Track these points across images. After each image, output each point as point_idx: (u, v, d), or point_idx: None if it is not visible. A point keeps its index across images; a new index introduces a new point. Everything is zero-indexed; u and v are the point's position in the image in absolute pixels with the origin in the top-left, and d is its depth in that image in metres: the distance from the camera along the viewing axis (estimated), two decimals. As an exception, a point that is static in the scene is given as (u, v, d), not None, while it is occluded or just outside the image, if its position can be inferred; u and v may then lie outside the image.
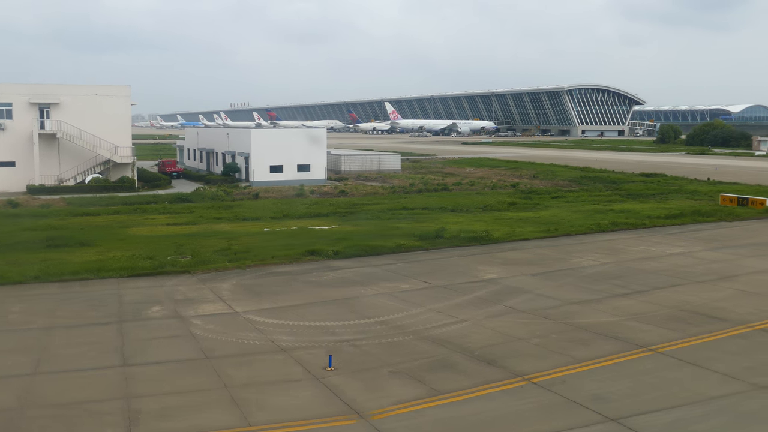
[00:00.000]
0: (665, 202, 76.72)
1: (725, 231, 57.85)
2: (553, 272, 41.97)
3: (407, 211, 68.73)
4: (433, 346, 28.36)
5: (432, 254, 47.49)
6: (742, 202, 72.46)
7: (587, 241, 52.88)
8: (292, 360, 26.62)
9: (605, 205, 73.74)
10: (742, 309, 33.66)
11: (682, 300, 35.45)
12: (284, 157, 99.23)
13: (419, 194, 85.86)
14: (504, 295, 36.49)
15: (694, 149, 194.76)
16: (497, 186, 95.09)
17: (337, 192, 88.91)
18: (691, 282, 39.45)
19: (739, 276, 40.87)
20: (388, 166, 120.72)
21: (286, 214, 66.97)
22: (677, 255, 47.32)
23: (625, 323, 31.44)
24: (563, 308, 34.02)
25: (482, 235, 53.03)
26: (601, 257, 46.45)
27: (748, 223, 62.24)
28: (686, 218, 63.59)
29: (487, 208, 71.55)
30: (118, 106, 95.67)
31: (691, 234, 56.11)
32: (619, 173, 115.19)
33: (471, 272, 41.85)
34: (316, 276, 41.06)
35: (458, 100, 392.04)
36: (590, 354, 27.28)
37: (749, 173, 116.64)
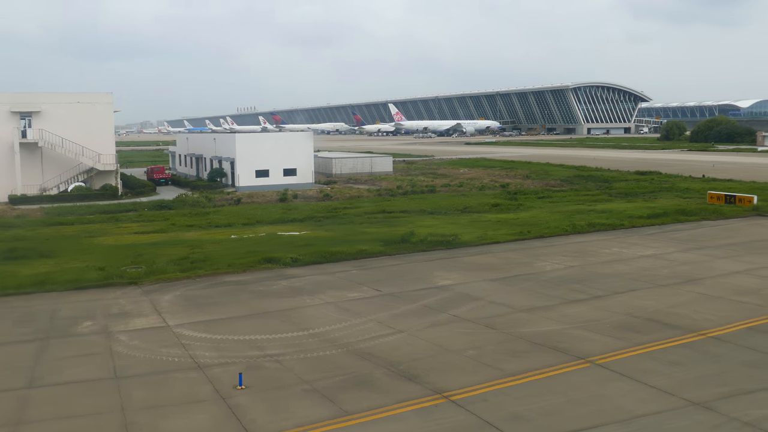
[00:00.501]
0: (652, 201, 74.83)
1: (705, 231, 55.98)
2: (513, 277, 40.31)
3: (385, 215, 67.22)
4: (359, 360, 26.80)
5: (393, 260, 45.93)
6: (730, 200, 70.50)
7: (559, 243, 51.16)
8: (204, 378, 25.13)
9: (589, 205, 71.95)
10: (699, 315, 31.91)
11: (639, 306, 33.74)
12: (270, 161, 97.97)
13: (404, 197, 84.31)
14: (453, 302, 34.89)
15: (697, 146, 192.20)
16: (486, 187, 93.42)
17: (321, 196, 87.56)
18: (654, 286, 37.70)
19: (705, 279, 39.09)
20: (380, 168, 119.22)
21: (259, 220, 65.58)
22: (648, 257, 45.55)
23: (570, 332, 29.77)
24: (511, 316, 32.38)
25: (450, 239, 51.36)
26: (567, 260, 44.74)
27: (732, 222, 60.33)
28: (668, 218, 61.76)
29: (467, 210, 69.90)
30: (101, 113, 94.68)
31: (670, 234, 54.27)
32: (614, 171, 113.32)
33: (427, 278, 40.25)
34: (265, 285, 39.60)
35: (463, 101, 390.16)
36: (523, 367, 25.64)
37: (747, 170, 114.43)
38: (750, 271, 40.65)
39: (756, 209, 66.70)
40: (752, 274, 39.96)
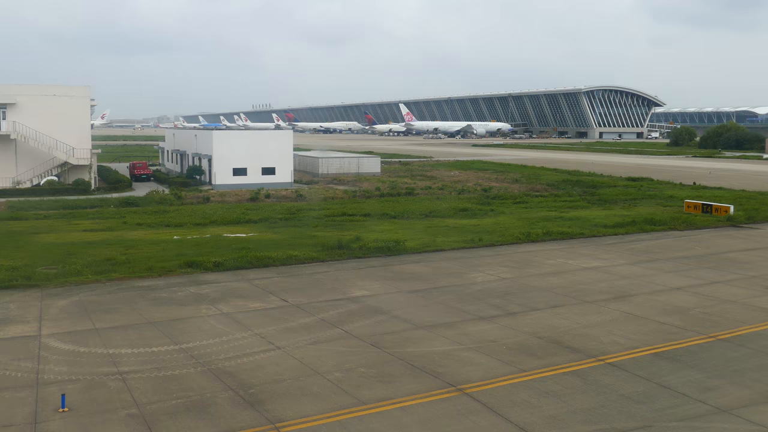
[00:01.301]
0: (628, 209, 72.01)
1: (667, 242, 53.19)
2: (435, 289, 37.86)
3: (345, 218, 65.00)
4: (212, 381, 24.48)
5: (322, 267, 43.60)
6: (707, 210, 67.51)
7: (506, 252, 48.61)
8: (32, 398, 22.92)
9: (562, 212, 69.27)
10: (609, 337, 29.29)
11: (550, 325, 31.18)
12: (248, 159, 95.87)
13: (378, 199, 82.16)
14: (354, 316, 32.49)
15: (704, 152, 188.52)
16: (467, 190, 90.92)
17: (295, 196, 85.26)
18: (580, 302, 35.10)
19: (638, 295, 36.44)
20: (368, 169, 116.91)
21: (215, 220, 63.49)
22: (590, 269, 42.92)
23: (459, 354, 27.29)
24: (406, 333, 29.94)
25: (391, 246, 48.94)
26: (504, 271, 42.23)
27: (699, 233, 57.46)
28: (634, 227, 59.06)
29: (432, 214, 67.46)
30: (77, 107, 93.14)
31: (627, 245, 51.55)
32: (606, 177, 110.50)
33: (344, 289, 37.91)
34: (171, 292, 37.40)
35: (476, 102, 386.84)
36: (383, 394, 23.21)
37: (744, 177, 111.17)
38: (691, 288, 37.95)
39: (731, 219, 63.68)
40: (691, 292, 37.23)
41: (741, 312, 33.24)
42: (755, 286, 38.50)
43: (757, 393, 23.36)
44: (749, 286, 38.44)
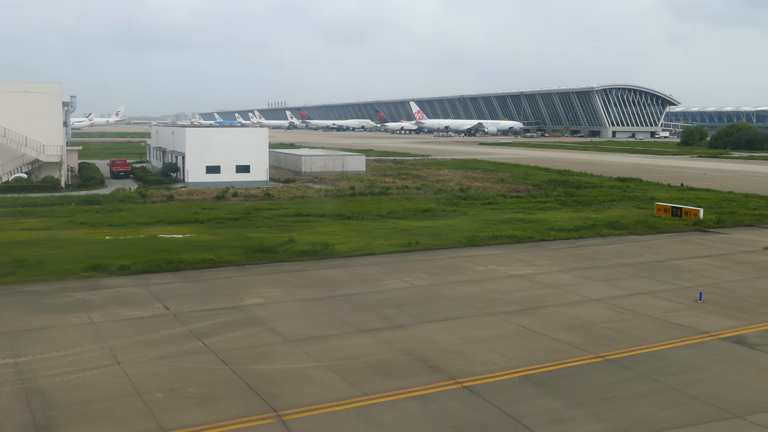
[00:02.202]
0: (600, 211, 69.17)
1: (618, 247, 50.38)
2: (336, 297, 35.46)
3: (297, 218, 62.72)
4: (17, 401, 22.43)
5: (232, 272, 41.44)
6: (676, 213, 64.45)
7: (438, 257, 46.08)
8: None
9: (527, 214, 66.58)
10: (489, 355, 26.74)
11: (431, 340, 28.68)
12: (222, 157, 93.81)
13: (350, 198, 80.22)
14: (228, 327, 30.22)
15: (712, 152, 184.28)
16: (443, 190, 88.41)
17: (262, 195, 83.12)
18: (481, 314, 32.55)
19: (549, 307, 33.80)
20: (353, 168, 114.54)
21: (161, 219, 61.49)
22: (516, 277, 40.28)
23: (308, 373, 24.90)
24: (270, 348, 27.61)
25: (320, 249, 46.58)
26: (422, 278, 39.78)
27: (658, 238, 54.56)
28: (591, 231, 56.36)
29: (390, 215, 64.97)
30: (49, 103, 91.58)
31: (574, 250, 48.80)
32: (596, 177, 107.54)
33: (238, 296, 35.63)
34: (56, 297, 35.39)
35: (488, 100, 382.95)
36: (194, 419, 20.98)
37: (739, 179, 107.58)
38: (612, 300, 35.28)
39: (698, 223, 60.60)
40: (610, 304, 34.50)
41: (649, 328, 30.51)
42: (682, 298, 35.68)
43: (610, 428, 20.67)
44: (676, 298, 35.63)
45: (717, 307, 34.02)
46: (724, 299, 35.66)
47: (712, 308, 33.94)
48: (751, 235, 55.82)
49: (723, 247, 50.93)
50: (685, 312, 33.21)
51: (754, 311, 33.44)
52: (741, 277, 40.89)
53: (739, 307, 34.25)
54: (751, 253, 48.55)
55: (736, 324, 31.32)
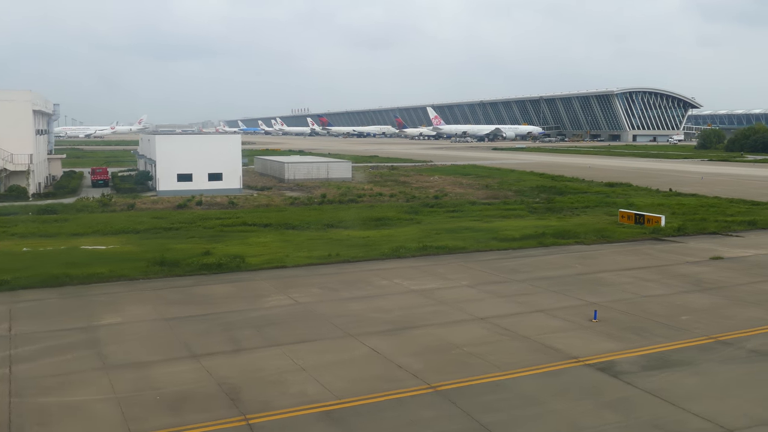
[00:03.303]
0: (566, 218, 66.33)
1: (553, 258, 47.28)
2: (202, 316, 33.04)
3: (236, 228, 60.42)
4: None
5: (117, 287, 39.31)
6: (639, 220, 60.88)
7: (348, 271, 43.42)
8: None
9: (485, 222, 63.65)
10: (303, 386, 23.86)
11: (258, 367, 26.22)
12: (194, 165, 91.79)
13: (318, 206, 77.74)
14: (50, 352, 27.89)
15: (725, 155, 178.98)
16: (416, 198, 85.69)
17: (227, 203, 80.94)
18: (342, 336, 29.81)
19: (421, 328, 30.92)
20: (338, 174, 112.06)
21: (97, 230, 59.49)
22: (414, 293, 37.54)
23: (88, 407, 22.55)
24: (76, 376, 25.16)
25: (226, 262, 44.06)
26: (311, 295, 37.17)
27: (603, 248, 51.25)
28: (533, 241, 53.08)
29: (340, 224, 62.41)
30: (17, 111, 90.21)
31: (501, 262, 45.74)
32: (587, 182, 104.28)
33: (100, 314, 33.48)
34: None
35: (508, 105, 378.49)
36: None
37: (734, 183, 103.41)
38: (498, 319, 32.34)
39: (657, 231, 57.07)
40: (492, 323, 31.45)
41: (514, 353, 27.46)
42: (579, 317, 32.50)
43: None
44: (571, 317, 32.45)
45: (609, 327, 30.76)
46: (625, 317, 32.40)
47: (603, 328, 30.69)
48: (707, 244, 52.18)
49: (667, 257, 47.41)
50: (569, 333, 30.01)
51: (649, 332, 30.14)
52: (664, 292, 37.53)
53: (635, 327, 30.97)
54: (694, 263, 45.03)
55: (617, 347, 28.07)
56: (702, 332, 30.10)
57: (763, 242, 53.15)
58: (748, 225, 61.25)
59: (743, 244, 52.56)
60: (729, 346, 28.33)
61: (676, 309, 33.92)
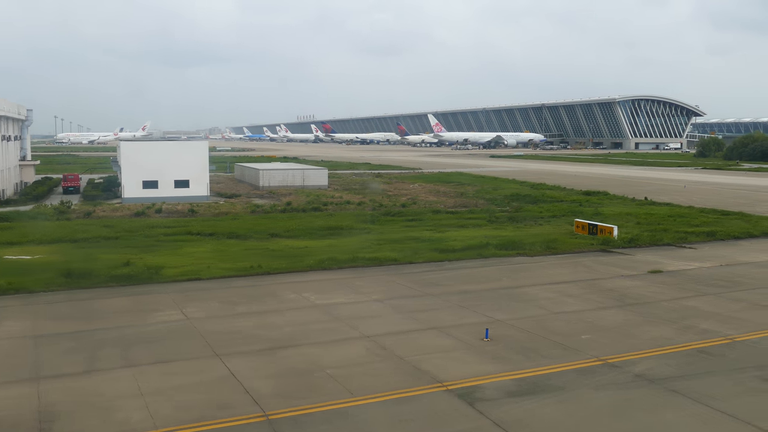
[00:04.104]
0: (522, 229, 64.87)
1: (483, 271, 45.59)
2: (76, 333, 31.64)
3: (179, 237, 58.91)
4: None
5: (16, 300, 37.35)
6: (593, 231, 58.73)
7: (262, 283, 41.88)
8: None
9: (437, 232, 61.88)
10: (128, 414, 21.90)
11: (96, 392, 24.02)
12: (159, 172, 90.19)
13: (278, 214, 75.75)
14: None
15: (721, 164, 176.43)
16: (383, 206, 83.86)
17: (187, 211, 79.33)
18: (206, 356, 28.16)
19: (298, 347, 29.19)
20: (314, 182, 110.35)
21: (36, 239, 57.86)
22: (314, 308, 35.91)
23: None
24: None
25: (139, 273, 42.37)
26: (206, 309, 35.72)
27: (545, 260, 49.41)
28: (473, 252, 51.00)
29: (287, 233, 60.76)
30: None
31: (427, 275, 44.01)
32: (565, 191, 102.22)
33: (-33, 330, 31.18)
34: None
35: (511, 112, 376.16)
36: None
37: (715, 192, 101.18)
38: (385, 337, 30.56)
39: (606, 243, 54.97)
40: (376, 343, 29.54)
41: (379, 376, 25.75)
42: (472, 335, 30.65)
43: None
44: (465, 336, 30.65)
45: (497, 347, 28.74)
46: (522, 336, 30.43)
47: (491, 348, 28.69)
48: (653, 256, 50.08)
49: (604, 270, 45.31)
50: (451, 353, 28.04)
51: (537, 353, 28.10)
52: (580, 308, 35.54)
53: (526, 347, 28.93)
54: (628, 277, 42.98)
55: (494, 370, 26.07)
56: (595, 353, 28.02)
57: (713, 255, 50.95)
58: (706, 236, 59.05)
59: (691, 256, 50.37)
60: (615, 369, 26.24)
61: (582, 327, 31.85)
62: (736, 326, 31.78)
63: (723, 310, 34.76)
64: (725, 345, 29.03)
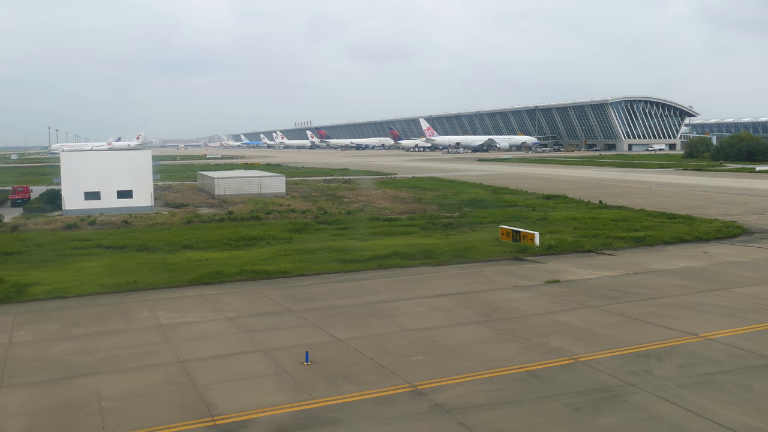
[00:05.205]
0: (452, 236, 62.49)
1: (370, 283, 43.36)
2: None
3: (83, 251, 56.65)
4: None
5: None
6: (516, 237, 56.09)
7: (126, 300, 39.63)
8: None
9: (363, 241, 59.93)
10: None
11: None
12: (102, 182, 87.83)
13: (215, 224, 73.48)
14: None
15: (705, 164, 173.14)
16: (328, 213, 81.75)
17: (120, 223, 77.07)
18: None
19: (99, 374, 26.27)
20: (271, 189, 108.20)
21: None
22: (152, 328, 33.55)
23: None
24: None
25: (7, 290, 40.17)
26: (38, 333, 33.42)
27: (446, 269, 46.96)
28: (374, 263, 48.70)
29: (197, 244, 58.31)
30: None
31: (308, 288, 41.53)
32: (525, 195, 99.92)
33: None
34: None
35: (505, 115, 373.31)
36: None
37: (679, 194, 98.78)
38: (196, 363, 28.35)
39: (522, 250, 52.41)
40: (182, 369, 27.19)
41: (154, 411, 23.33)
42: (296, 359, 27.87)
43: None
44: (287, 359, 28.05)
45: (309, 374, 26.21)
46: (347, 358, 28.08)
47: (303, 374, 26.17)
48: (563, 265, 47.55)
49: (500, 280, 42.75)
50: (254, 380, 25.58)
51: (350, 379, 25.65)
52: (438, 324, 33.23)
53: (343, 371, 26.44)
54: (520, 288, 40.48)
55: (285, 400, 23.66)
56: (413, 378, 25.40)
57: (628, 262, 48.33)
58: (634, 242, 56.39)
59: (603, 264, 47.73)
60: (418, 397, 23.61)
61: (422, 347, 29.24)
62: (590, 344, 29.09)
63: (591, 325, 32.07)
64: (562, 367, 26.34)
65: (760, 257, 49.03)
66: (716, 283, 40.67)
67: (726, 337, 29.67)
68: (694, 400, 22.82)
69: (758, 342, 28.95)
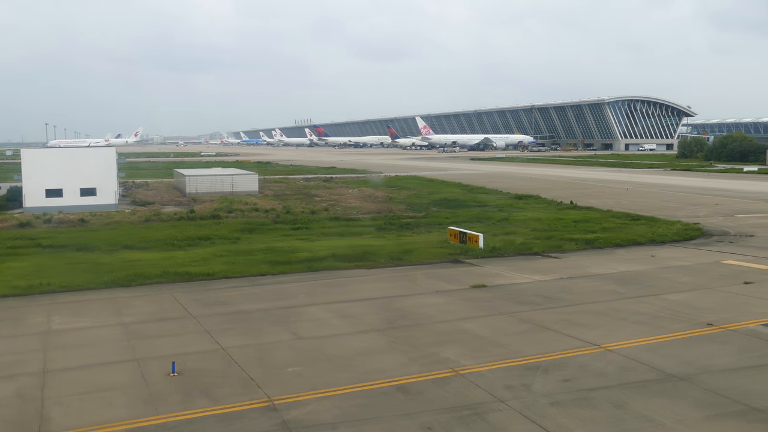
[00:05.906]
0: (406, 236, 61.10)
1: (289, 286, 41.75)
2: None
3: (18, 250, 55.30)
4: None
5: None
6: (463, 239, 54.56)
7: (33, 303, 37.85)
8: None
9: (311, 241, 58.53)
10: None
11: None
12: (64, 180, 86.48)
13: (162, 223, 72.68)
14: None
15: (695, 164, 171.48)
16: (291, 212, 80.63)
17: (77, 221, 75.73)
18: None
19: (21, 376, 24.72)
20: (243, 188, 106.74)
21: None
22: (33, 335, 31.65)
23: None
24: None
25: None
26: None
27: (375, 273, 45.51)
28: (304, 265, 47.05)
29: (140, 244, 56.96)
30: None
31: (227, 291, 40.12)
32: (498, 194, 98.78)
33: None
34: None
35: (502, 114, 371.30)
36: None
37: (654, 195, 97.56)
38: (60, 373, 26.80)
39: (465, 252, 50.98)
40: (37, 381, 25.56)
41: None
42: (164, 369, 26.25)
43: None
44: (156, 369, 26.42)
45: (168, 386, 24.73)
46: (219, 368, 26.53)
47: (162, 387, 24.69)
48: (499, 268, 46.02)
49: (424, 284, 41.34)
50: (112, 393, 24.09)
51: (208, 392, 24.20)
52: (336, 332, 31.60)
53: (206, 384, 24.98)
54: (441, 293, 39.03)
55: (127, 416, 22.13)
56: (274, 392, 23.90)
57: (568, 266, 46.81)
58: (585, 244, 54.77)
59: (542, 268, 46.19)
60: (268, 413, 22.12)
61: (303, 357, 27.74)
62: (481, 355, 27.52)
63: (494, 334, 30.49)
64: (438, 380, 24.80)
65: (704, 261, 47.41)
66: (647, 289, 39.06)
67: (627, 348, 28.06)
68: (558, 420, 21.22)
69: (659, 354, 27.32)
